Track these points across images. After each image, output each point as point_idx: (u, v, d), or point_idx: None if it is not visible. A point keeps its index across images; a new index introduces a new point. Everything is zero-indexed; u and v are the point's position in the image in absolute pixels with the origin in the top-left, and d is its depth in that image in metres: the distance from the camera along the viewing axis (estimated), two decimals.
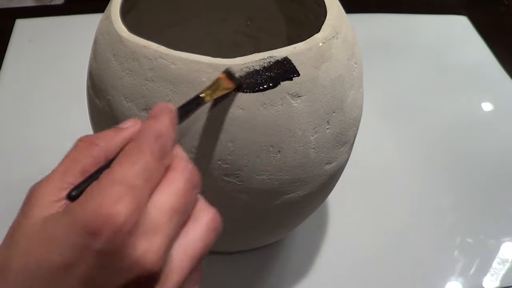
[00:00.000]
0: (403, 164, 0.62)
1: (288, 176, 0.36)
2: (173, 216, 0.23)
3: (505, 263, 0.53)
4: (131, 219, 0.21)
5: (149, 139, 0.24)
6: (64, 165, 0.24)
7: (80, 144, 0.24)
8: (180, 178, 0.24)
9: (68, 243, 0.21)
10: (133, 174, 0.22)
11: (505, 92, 0.74)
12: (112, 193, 0.21)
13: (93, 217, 0.21)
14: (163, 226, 0.22)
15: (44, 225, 0.22)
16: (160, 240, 0.22)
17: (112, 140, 0.25)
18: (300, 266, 0.51)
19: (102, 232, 0.21)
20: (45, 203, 0.22)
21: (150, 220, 0.22)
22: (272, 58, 0.33)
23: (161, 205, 0.23)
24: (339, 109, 0.37)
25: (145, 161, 0.23)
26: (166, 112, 0.25)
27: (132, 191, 0.21)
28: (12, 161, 0.58)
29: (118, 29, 0.35)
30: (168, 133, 0.24)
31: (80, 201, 0.22)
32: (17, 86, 0.67)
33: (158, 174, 0.23)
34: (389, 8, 0.87)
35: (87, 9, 0.78)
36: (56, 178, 0.23)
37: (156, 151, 0.23)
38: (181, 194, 0.23)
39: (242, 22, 0.52)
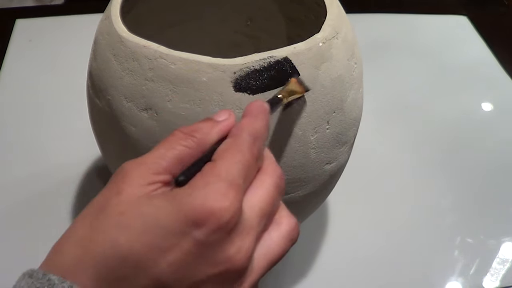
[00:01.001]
0: (403, 164, 0.62)
1: (288, 176, 0.36)
2: (262, 218, 0.24)
3: (505, 263, 0.53)
4: (234, 218, 0.22)
5: (249, 139, 0.24)
6: (160, 150, 0.24)
7: (177, 133, 0.25)
8: (271, 181, 0.25)
9: (169, 228, 0.21)
10: (236, 172, 0.23)
11: (505, 92, 0.74)
12: (218, 188, 0.22)
13: (200, 208, 0.21)
14: (255, 227, 0.23)
15: (140, 205, 0.22)
16: (251, 240, 0.23)
17: (209, 133, 0.25)
18: (300, 266, 0.51)
19: (206, 224, 0.21)
20: (138, 184, 0.23)
21: (245, 220, 0.23)
22: (272, 58, 0.33)
23: (254, 206, 0.23)
24: (339, 109, 0.37)
25: (246, 160, 0.23)
26: (264, 112, 0.26)
27: (236, 189, 0.22)
28: (12, 161, 0.58)
29: (118, 29, 0.35)
30: (264, 135, 0.25)
31: (186, 191, 0.22)
32: (17, 86, 0.67)
33: (253, 173, 0.24)
34: (389, 8, 0.87)
35: (87, 9, 0.78)
36: (150, 161, 0.23)
37: (255, 151, 0.24)
38: (270, 197, 0.24)
39: (242, 22, 0.52)
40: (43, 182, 0.56)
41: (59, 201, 0.54)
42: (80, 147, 0.58)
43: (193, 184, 0.22)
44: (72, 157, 0.58)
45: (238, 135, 0.25)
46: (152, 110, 0.34)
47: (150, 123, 0.34)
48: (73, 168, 0.57)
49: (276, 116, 0.34)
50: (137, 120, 0.35)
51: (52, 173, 0.56)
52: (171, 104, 0.33)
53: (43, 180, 0.56)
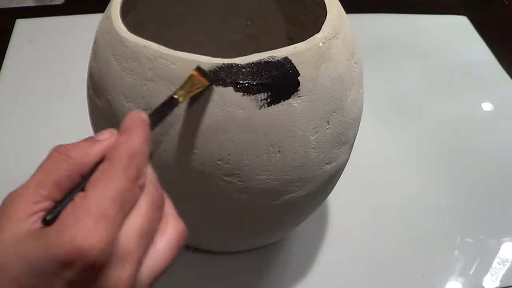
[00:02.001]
0: (403, 164, 0.62)
1: (288, 176, 0.36)
2: (141, 240, 0.23)
3: (505, 263, 0.53)
4: (103, 254, 0.21)
5: (123, 160, 0.23)
6: (38, 177, 0.24)
7: (54, 155, 0.24)
8: (146, 202, 0.24)
9: (40, 269, 0.21)
10: (107, 203, 0.22)
11: (505, 92, 0.74)
12: (86, 225, 0.21)
13: (66, 249, 0.21)
14: (133, 251, 0.23)
15: (17, 244, 0.22)
16: (131, 266, 0.23)
17: (87, 153, 0.24)
18: (300, 266, 0.51)
19: (75, 264, 0.21)
20: (19, 216, 0.22)
21: (121, 249, 0.22)
22: (272, 58, 0.33)
23: (130, 231, 0.23)
24: (339, 109, 0.37)
25: (119, 186, 0.23)
26: (139, 125, 0.25)
27: (106, 222, 0.22)
28: (12, 160, 0.58)
29: (118, 29, 0.35)
30: (142, 151, 0.24)
31: (55, 229, 0.22)
32: (17, 86, 0.67)
33: (133, 196, 0.24)
34: (389, 8, 0.87)
35: (87, 9, 0.78)
36: (30, 191, 0.23)
37: (131, 173, 0.23)
38: (147, 218, 0.24)
39: (242, 22, 0.52)
40: None
41: None
42: None
43: (63, 221, 0.22)
44: None
45: (113, 158, 0.24)
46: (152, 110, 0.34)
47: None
48: None
49: (276, 116, 0.34)
50: None
51: None
52: None
53: None
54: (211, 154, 0.34)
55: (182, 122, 0.33)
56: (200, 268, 0.49)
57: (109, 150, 0.24)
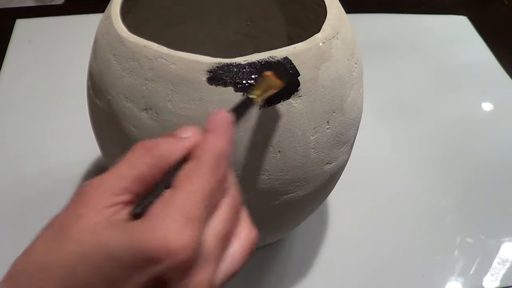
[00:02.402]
0: (403, 164, 0.62)
1: (288, 176, 0.36)
2: (221, 243, 0.23)
3: (505, 263, 0.53)
4: (191, 256, 0.21)
5: (211, 162, 0.23)
6: (120, 169, 0.23)
7: (138, 150, 0.24)
8: (229, 204, 0.24)
9: (124, 261, 0.21)
10: (195, 203, 0.22)
11: (505, 92, 0.74)
12: (176, 223, 0.21)
13: (157, 245, 0.21)
14: (214, 254, 0.23)
15: (98, 235, 0.21)
16: (211, 268, 0.23)
17: (171, 150, 0.24)
18: (300, 266, 0.51)
19: (163, 262, 0.21)
20: (98, 206, 0.22)
21: (204, 251, 0.22)
22: (272, 58, 0.33)
23: (213, 233, 0.23)
24: (339, 109, 0.37)
25: (207, 186, 0.23)
26: (227, 127, 0.25)
27: (195, 222, 0.22)
28: (12, 161, 0.58)
29: (118, 29, 0.35)
30: (228, 153, 0.25)
31: (144, 224, 0.21)
32: (17, 86, 0.67)
33: (217, 198, 0.24)
34: (389, 8, 0.87)
35: (87, 9, 0.78)
36: (110, 182, 0.23)
37: (219, 175, 0.24)
38: (228, 220, 0.24)
39: (242, 22, 0.52)
40: (43, 182, 0.55)
41: (59, 201, 0.53)
42: (80, 147, 0.58)
43: (151, 218, 0.22)
44: (72, 157, 0.58)
45: (201, 158, 0.23)
46: (152, 110, 0.34)
47: (150, 123, 0.34)
48: (73, 168, 0.57)
49: (275, 115, 0.34)
50: (137, 120, 0.35)
51: (52, 173, 0.56)
52: (171, 104, 0.33)
53: (43, 180, 0.56)
54: None
55: (182, 123, 0.33)
56: None
57: (195, 149, 0.24)
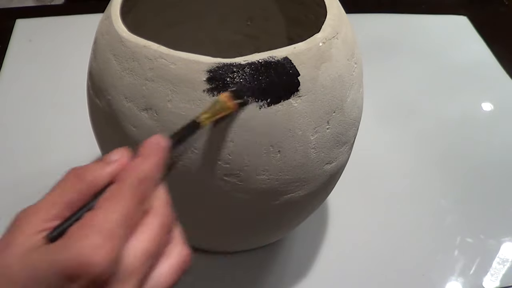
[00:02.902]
0: (403, 164, 0.62)
1: (288, 176, 0.36)
2: (146, 260, 0.24)
3: (505, 263, 0.53)
4: (108, 270, 0.22)
5: (132, 183, 0.25)
6: (52, 196, 0.25)
7: (69, 177, 0.25)
8: (156, 223, 0.25)
9: (47, 282, 0.22)
10: (114, 222, 0.23)
11: (505, 92, 0.74)
12: (92, 241, 0.22)
13: (73, 263, 0.22)
14: (137, 270, 0.24)
15: (25, 258, 0.22)
16: (133, 285, 0.23)
17: (99, 174, 0.25)
18: (300, 266, 0.51)
19: (79, 279, 0.22)
20: (29, 232, 0.23)
21: (125, 267, 0.23)
22: (272, 58, 0.33)
23: (136, 250, 0.24)
24: (339, 109, 0.37)
25: (126, 207, 0.24)
26: (156, 153, 0.26)
27: (111, 240, 0.22)
28: (12, 161, 0.58)
29: (118, 29, 0.35)
30: (152, 177, 0.25)
31: (62, 244, 0.22)
32: (17, 86, 0.67)
33: (137, 218, 0.24)
34: (389, 8, 0.87)
35: (87, 9, 0.78)
36: (42, 209, 0.24)
37: (137, 196, 0.24)
38: (155, 239, 0.25)
39: (242, 22, 0.52)
40: (43, 182, 0.55)
41: None
42: (80, 147, 0.58)
43: (70, 237, 0.23)
44: (72, 157, 0.58)
45: (122, 180, 0.25)
46: (152, 110, 0.34)
47: (150, 123, 0.34)
48: None
49: (276, 116, 0.34)
50: (137, 120, 0.35)
51: (52, 173, 0.56)
52: (171, 104, 0.33)
53: (43, 180, 0.55)
54: (211, 154, 0.34)
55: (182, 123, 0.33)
56: (200, 268, 0.49)
57: (120, 172, 0.25)
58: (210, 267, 0.49)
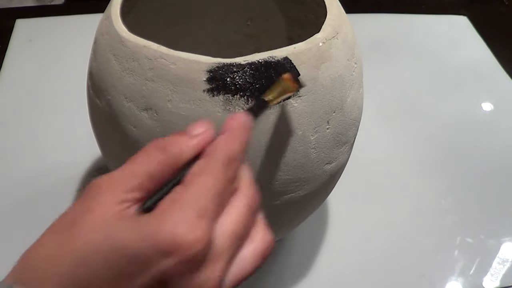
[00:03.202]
0: (403, 164, 0.62)
1: (288, 176, 0.36)
2: (234, 242, 0.23)
3: (505, 263, 0.53)
4: (203, 250, 0.21)
5: (224, 161, 0.23)
6: (132, 166, 0.23)
7: (150, 148, 0.24)
8: (244, 203, 0.24)
9: (136, 256, 0.21)
10: (207, 199, 0.22)
11: (505, 92, 0.74)
12: (187, 219, 0.21)
13: (168, 239, 0.21)
14: (225, 253, 0.23)
15: (109, 228, 0.21)
16: (221, 267, 0.23)
17: (184, 148, 0.24)
18: (300, 266, 0.51)
19: (174, 256, 0.21)
20: (109, 202, 0.22)
21: (216, 248, 0.22)
22: (272, 58, 0.33)
23: (225, 231, 0.23)
24: (339, 109, 0.37)
25: (219, 186, 0.23)
26: (244, 128, 0.25)
27: (206, 219, 0.22)
28: (12, 160, 0.58)
29: (118, 29, 0.35)
30: (241, 156, 0.25)
31: (155, 218, 0.22)
32: (17, 86, 0.67)
33: (227, 197, 0.24)
34: (389, 8, 0.87)
35: (87, 9, 0.78)
36: (121, 178, 0.23)
37: (229, 174, 0.24)
38: (242, 220, 0.24)
39: (242, 22, 0.52)
40: (43, 182, 0.56)
41: (59, 201, 0.54)
42: (80, 147, 0.58)
43: (163, 212, 0.22)
44: (72, 157, 0.58)
45: (212, 156, 0.24)
46: (152, 110, 0.34)
47: (150, 123, 0.34)
48: (73, 168, 0.57)
49: (275, 115, 0.34)
50: (137, 120, 0.35)
51: (52, 173, 0.56)
52: (171, 104, 0.33)
53: (43, 180, 0.56)
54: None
55: (182, 123, 0.33)
56: None
57: (206, 146, 0.24)
58: None
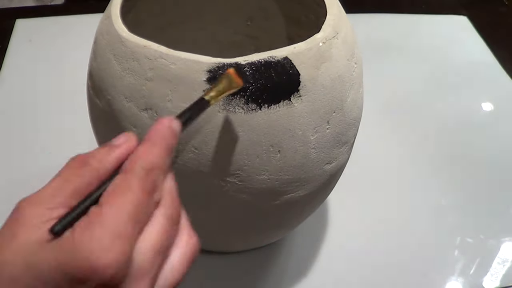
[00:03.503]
0: (403, 164, 0.62)
1: (288, 176, 0.36)
2: (157, 257, 0.23)
3: (505, 263, 0.53)
4: (120, 272, 0.21)
5: (139, 176, 0.23)
6: (55, 184, 0.23)
7: (72, 163, 0.24)
8: (164, 217, 0.24)
9: (52, 283, 0.21)
10: (123, 219, 0.22)
11: (505, 92, 0.74)
12: (101, 242, 0.21)
13: (82, 266, 0.20)
14: (148, 268, 0.22)
15: (30, 256, 0.21)
16: (145, 283, 0.22)
17: (105, 159, 0.24)
18: (300, 266, 0.51)
19: (89, 282, 0.21)
20: (33, 223, 0.22)
21: (137, 266, 0.22)
22: (272, 58, 0.33)
23: (145, 247, 0.22)
24: (339, 109, 0.37)
25: (134, 202, 0.22)
26: (165, 138, 0.24)
27: (122, 239, 0.21)
28: (12, 161, 0.58)
29: (118, 29, 0.35)
30: (161, 164, 0.24)
31: (69, 243, 0.21)
32: (17, 86, 0.67)
33: (148, 211, 0.23)
34: (389, 8, 0.87)
35: (87, 9, 0.78)
36: (46, 198, 0.22)
37: (148, 189, 0.23)
38: (164, 232, 0.23)
39: (242, 22, 0.52)
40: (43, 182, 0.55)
41: None
42: (80, 147, 0.58)
43: (77, 236, 0.21)
44: None
45: (129, 171, 0.23)
46: (152, 110, 0.34)
47: (150, 123, 0.34)
48: None
49: (276, 116, 0.34)
50: (137, 120, 0.35)
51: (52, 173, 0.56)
52: (171, 104, 0.33)
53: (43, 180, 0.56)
54: (211, 154, 0.34)
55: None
56: (200, 268, 0.49)
57: (127, 158, 0.24)
58: (210, 267, 0.49)
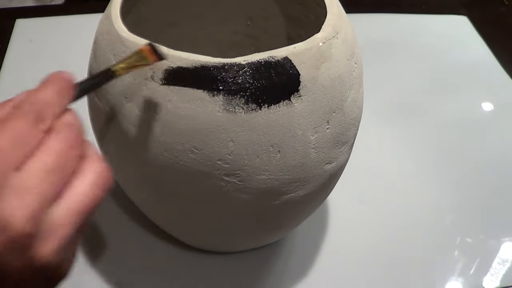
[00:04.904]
0: (403, 164, 0.62)
1: (288, 176, 0.36)
2: (47, 177, 0.23)
3: (505, 263, 0.53)
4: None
5: (24, 107, 0.25)
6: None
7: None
8: (56, 140, 0.24)
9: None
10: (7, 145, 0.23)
11: (505, 92, 0.74)
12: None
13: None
14: (35, 186, 0.23)
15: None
16: (31, 199, 0.22)
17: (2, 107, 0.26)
18: (300, 266, 0.51)
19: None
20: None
21: (20, 182, 0.22)
22: (272, 58, 0.33)
23: (32, 167, 0.23)
24: (339, 109, 0.37)
25: (16, 126, 0.24)
26: (55, 82, 0.27)
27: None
28: None
29: (118, 29, 0.35)
30: (51, 100, 0.25)
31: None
32: (17, 86, 0.67)
33: (32, 138, 0.24)
34: (389, 8, 0.87)
35: (87, 9, 0.78)
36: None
37: (29, 115, 0.24)
38: (55, 154, 0.24)
39: (242, 22, 0.52)
40: None
41: None
42: None
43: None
44: None
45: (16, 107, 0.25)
46: (152, 110, 0.34)
47: (150, 123, 0.34)
48: None
49: (276, 116, 0.34)
50: (137, 120, 0.35)
51: None
52: (171, 104, 0.33)
53: None
54: (211, 154, 0.34)
55: (182, 123, 0.33)
56: (200, 268, 0.49)
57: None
58: (210, 267, 0.49)
